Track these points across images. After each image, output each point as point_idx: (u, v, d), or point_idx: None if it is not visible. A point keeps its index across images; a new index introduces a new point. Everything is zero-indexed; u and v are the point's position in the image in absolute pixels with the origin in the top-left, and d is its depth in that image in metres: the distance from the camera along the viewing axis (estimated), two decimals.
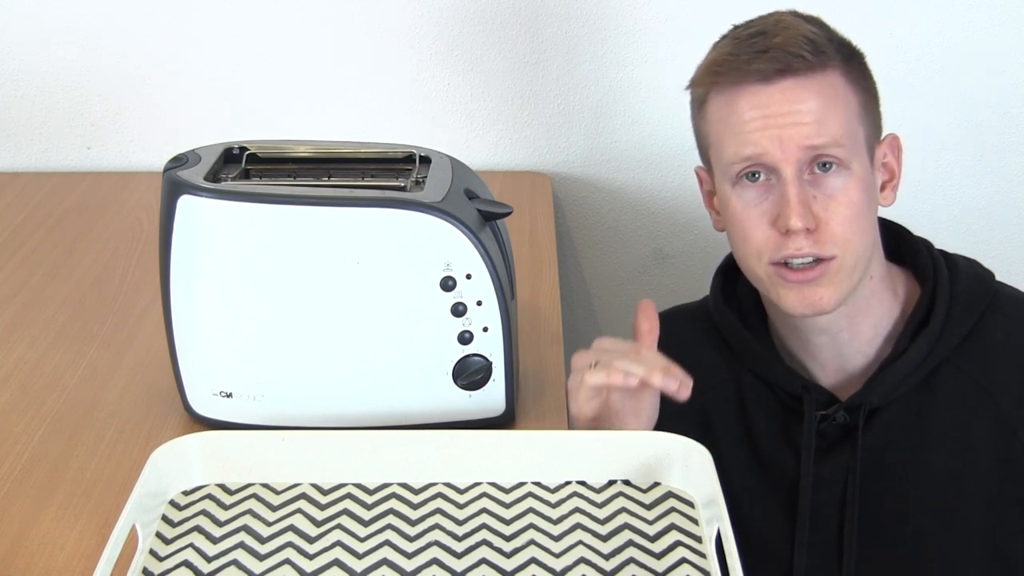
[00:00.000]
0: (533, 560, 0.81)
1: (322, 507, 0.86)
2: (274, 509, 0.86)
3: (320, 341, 0.95)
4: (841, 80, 0.99)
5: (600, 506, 0.87)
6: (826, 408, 1.06)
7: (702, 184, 1.12)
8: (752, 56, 0.98)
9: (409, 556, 0.81)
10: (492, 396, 0.98)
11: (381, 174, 1.01)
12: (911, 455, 1.04)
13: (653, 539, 0.83)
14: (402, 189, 0.97)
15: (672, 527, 0.84)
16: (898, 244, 1.10)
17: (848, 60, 1.00)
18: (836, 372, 1.08)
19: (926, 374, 1.04)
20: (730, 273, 1.15)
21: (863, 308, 1.05)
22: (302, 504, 0.87)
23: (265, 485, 0.89)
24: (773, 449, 1.09)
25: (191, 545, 0.82)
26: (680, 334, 1.18)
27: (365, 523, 0.85)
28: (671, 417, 1.07)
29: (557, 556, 0.81)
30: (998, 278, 1.10)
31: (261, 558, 0.81)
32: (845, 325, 1.05)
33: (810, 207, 0.97)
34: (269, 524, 0.85)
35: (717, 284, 1.15)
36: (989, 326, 1.04)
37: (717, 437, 1.12)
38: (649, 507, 0.86)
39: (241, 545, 0.82)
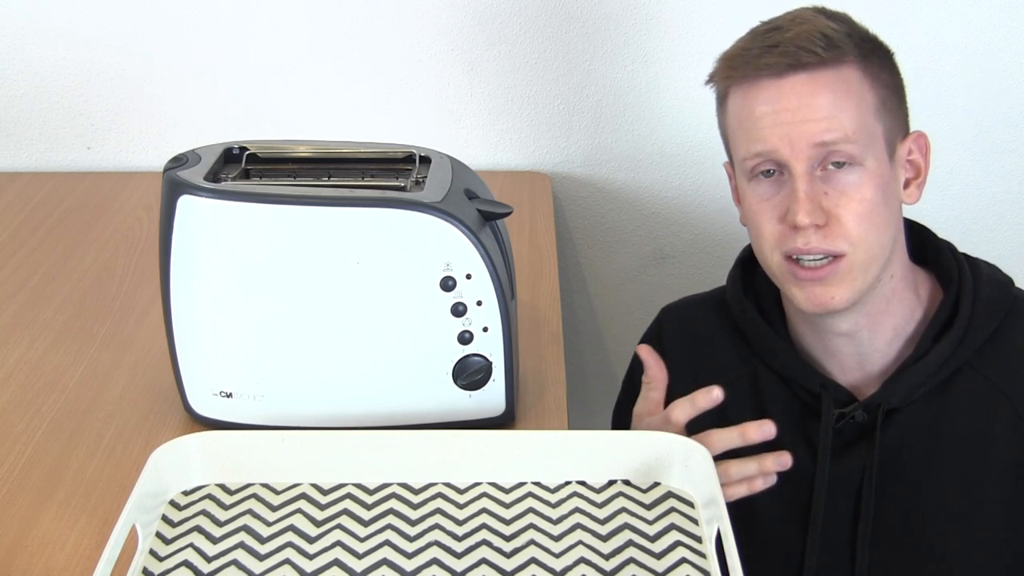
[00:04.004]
0: (533, 560, 0.81)
1: (322, 507, 0.86)
2: (274, 509, 0.86)
3: (320, 341, 0.95)
4: (857, 75, 0.99)
5: (600, 506, 0.87)
6: (844, 407, 1.06)
7: (731, 179, 1.12)
8: (763, 51, 0.98)
9: (409, 556, 0.81)
10: (492, 396, 0.98)
11: (381, 174, 1.01)
12: (927, 456, 1.04)
13: (653, 539, 0.83)
14: (402, 189, 0.97)
15: (672, 527, 0.84)
16: (922, 245, 1.10)
17: (867, 56, 1.00)
18: (854, 371, 1.08)
19: (946, 377, 1.03)
20: (748, 265, 1.15)
21: (883, 308, 1.05)
22: (302, 504, 0.87)
23: (265, 485, 0.89)
24: (788, 445, 1.08)
25: (191, 545, 0.82)
26: (695, 326, 1.18)
27: (365, 523, 0.85)
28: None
29: (557, 556, 0.81)
30: None
31: (261, 558, 0.81)
32: (865, 324, 1.05)
33: (820, 203, 0.97)
34: (269, 524, 0.85)
35: (736, 275, 1.15)
36: (1009, 331, 1.04)
37: None
38: (649, 507, 0.86)
39: (241, 545, 0.82)
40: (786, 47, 0.97)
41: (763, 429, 0.96)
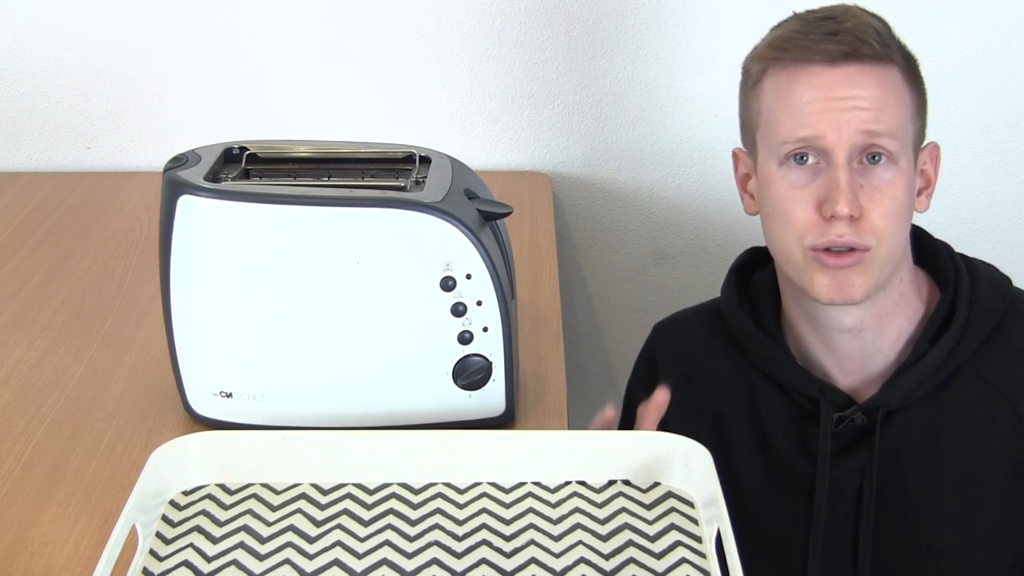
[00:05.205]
0: (533, 560, 0.81)
1: (322, 507, 0.86)
2: (274, 509, 0.86)
3: (320, 341, 0.95)
4: (900, 76, 1.00)
5: (600, 506, 0.87)
6: (842, 410, 1.06)
7: (738, 166, 1.11)
8: (822, 37, 0.98)
9: (409, 556, 0.81)
10: (492, 396, 0.98)
11: (381, 174, 1.01)
12: (927, 457, 1.04)
13: (653, 539, 0.83)
14: (402, 189, 0.97)
15: (672, 527, 0.84)
16: (919, 247, 1.10)
17: (907, 59, 1.01)
18: (854, 373, 1.07)
19: (944, 378, 1.04)
20: (743, 273, 1.15)
21: (891, 310, 1.05)
22: (302, 504, 0.87)
23: (265, 485, 0.89)
24: (787, 452, 1.08)
25: (191, 545, 0.82)
26: (689, 340, 1.18)
27: (365, 523, 0.85)
28: (687, 423, 1.07)
29: (557, 556, 0.81)
30: None
31: (261, 558, 0.81)
32: (872, 325, 1.05)
33: (857, 195, 0.98)
34: (269, 524, 0.85)
35: (730, 285, 1.15)
36: (1007, 331, 1.05)
37: (731, 442, 1.11)
38: (649, 507, 0.86)
39: (241, 545, 0.82)
40: (845, 36, 0.98)
41: (656, 399, 1.00)
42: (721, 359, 1.14)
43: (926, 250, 1.10)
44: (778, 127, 1.01)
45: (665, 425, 1.08)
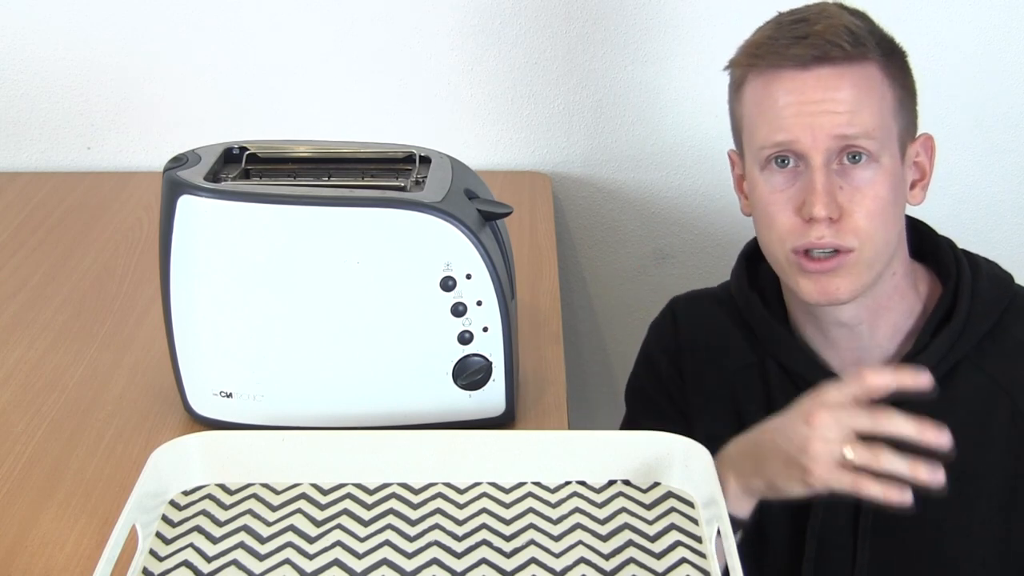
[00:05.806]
0: (533, 560, 0.81)
1: (322, 507, 0.86)
2: (274, 509, 0.86)
3: (320, 341, 0.95)
4: (879, 74, 1.00)
5: (600, 506, 0.87)
6: None
7: (733, 167, 1.12)
8: (791, 41, 0.99)
9: (409, 556, 0.81)
10: (492, 396, 0.98)
11: (381, 174, 1.01)
12: (927, 450, 1.05)
13: (653, 539, 0.83)
14: (402, 189, 0.97)
15: (672, 527, 0.84)
16: (920, 241, 1.10)
17: (888, 55, 1.01)
18: (854, 365, 1.08)
19: (945, 372, 1.04)
20: (753, 258, 1.16)
21: (884, 304, 1.05)
22: (302, 504, 0.87)
23: (265, 485, 0.89)
24: None
25: (191, 545, 0.82)
26: (705, 317, 1.18)
27: (365, 523, 0.85)
28: (702, 405, 1.07)
29: (557, 556, 0.81)
30: None
31: (261, 558, 0.81)
32: (865, 318, 1.05)
33: (835, 197, 0.98)
34: (269, 524, 0.85)
35: (741, 268, 1.16)
36: (1009, 327, 1.05)
37: (746, 422, 1.12)
38: (649, 507, 0.86)
39: (241, 545, 0.82)
40: (814, 39, 0.98)
41: (941, 438, 0.89)
42: (736, 340, 1.14)
43: (928, 245, 1.11)
44: (757, 132, 1.02)
45: (686, 394, 1.07)
